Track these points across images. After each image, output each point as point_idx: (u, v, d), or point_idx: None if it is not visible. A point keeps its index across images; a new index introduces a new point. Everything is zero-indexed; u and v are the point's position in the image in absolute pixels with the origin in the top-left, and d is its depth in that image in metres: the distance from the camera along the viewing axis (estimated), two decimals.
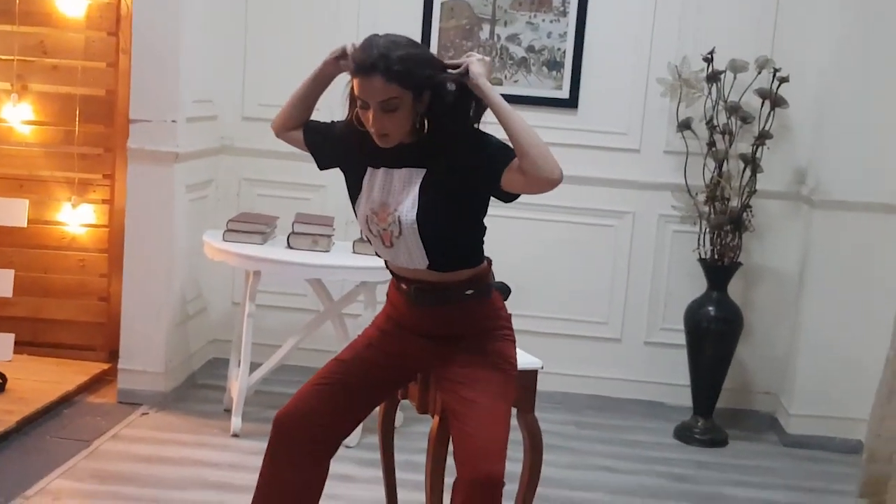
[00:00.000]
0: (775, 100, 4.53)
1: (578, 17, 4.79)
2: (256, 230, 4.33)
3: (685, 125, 4.61)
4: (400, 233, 2.57)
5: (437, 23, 4.84)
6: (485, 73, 2.55)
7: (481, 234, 2.69)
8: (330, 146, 2.75)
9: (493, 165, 2.51)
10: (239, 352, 4.35)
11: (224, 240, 4.30)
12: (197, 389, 4.77)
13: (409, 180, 2.57)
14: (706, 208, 4.61)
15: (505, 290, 2.83)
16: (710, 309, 4.61)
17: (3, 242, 4.81)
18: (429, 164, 2.56)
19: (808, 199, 4.66)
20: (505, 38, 4.84)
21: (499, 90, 2.57)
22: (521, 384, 2.91)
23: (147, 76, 4.36)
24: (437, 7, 4.83)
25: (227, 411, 4.41)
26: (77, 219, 4.82)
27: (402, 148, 2.56)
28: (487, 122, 2.60)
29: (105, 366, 4.78)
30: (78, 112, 4.73)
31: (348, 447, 4.02)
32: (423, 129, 2.53)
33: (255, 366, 4.32)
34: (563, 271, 4.94)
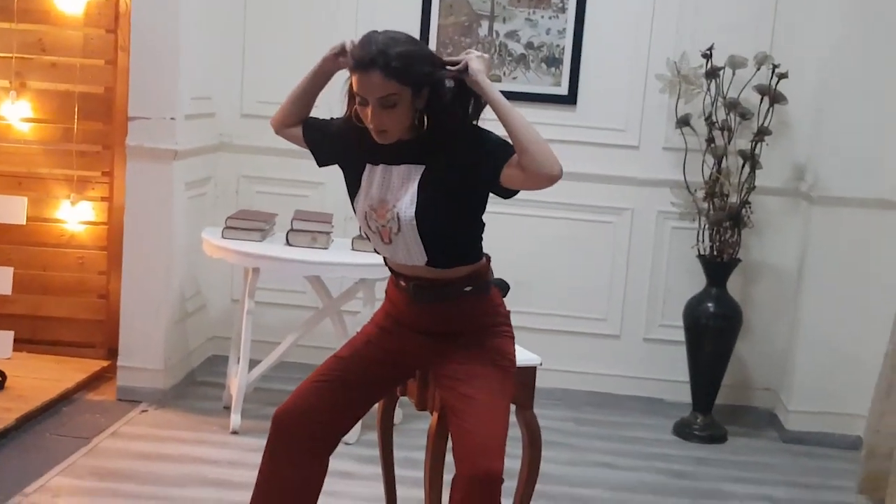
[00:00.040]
0: (774, 96, 4.53)
1: (577, 13, 4.79)
2: (255, 227, 4.33)
3: (684, 121, 4.61)
4: (399, 229, 2.57)
5: (435, 19, 4.84)
6: (484, 70, 2.55)
7: (480, 231, 2.68)
8: (329, 143, 2.75)
9: (493, 162, 2.51)
10: (238, 349, 4.35)
11: (223, 237, 4.30)
12: (196, 386, 4.77)
13: (408, 177, 2.56)
14: (705, 205, 4.61)
15: (504, 287, 2.83)
16: (709, 305, 4.61)
17: (1, 240, 4.81)
18: (428, 161, 2.56)
19: (806, 195, 4.66)
20: (504, 35, 4.84)
21: (497, 87, 2.57)
22: (520, 381, 2.91)
23: (146, 73, 4.36)
24: (435, 4, 4.83)
25: (227, 408, 4.41)
26: (76, 216, 4.82)
27: (400, 144, 2.55)
28: (487, 118, 2.60)
29: (104, 363, 4.78)
30: (77, 109, 4.73)
31: (347, 444, 4.02)
32: (422, 126, 2.53)
33: (254, 363, 4.32)
34: (562, 268, 4.94)
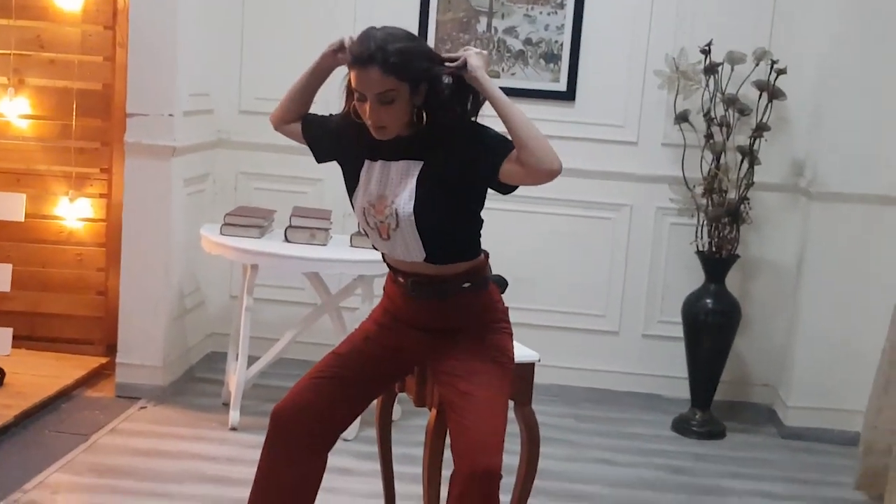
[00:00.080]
0: (773, 92, 4.53)
1: (576, 9, 4.78)
2: (254, 224, 4.32)
3: (683, 117, 4.61)
4: (397, 225, 2.56)
5: (434, 15, 4.83)
6: (482, 66, 2.55)
7: (478, 227, 2.68)
8: (328, 139, 2.75)
9: (492, 157, 2.51)
10: (237, 345, 4.35)
11: (221, 233, 4.30)
12: (195, 383, 4.77)
13: (407, 172, 2.56)
14: (704, 201, 4.61)
15: (502, 283, 2.84)
16: (708, 301, 4.61)
17: (0, 237, 4.81)
18: (426, 157, 2.56)
19: (805, 191, 4.66)
20: (502, 31, 4.84)
21: (496, 83, 2.57)
22: (519, 377, 2.91)
23: (144, 70, 4.36)
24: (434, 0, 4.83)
25: (226, 405, 4.41)
26: (74, 213, 4.82)
27: (399, 140, 2.56)
28: (487, 115, 2.60)
29: (103, 360, 4.78)
30: (75, 106, 4.73)
31: (346, 440, 4.02)
32: (421, 122, 2.53)
33: (252, 359, 4.32)
34: (561, 264, 4.94)
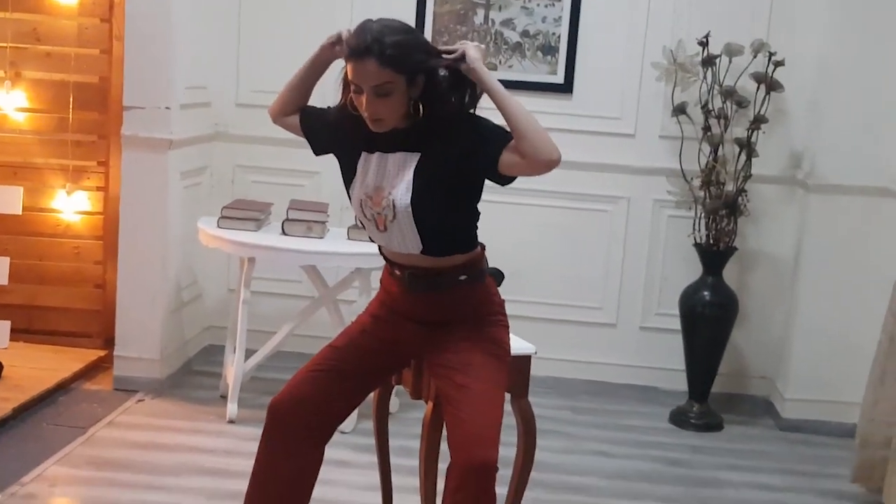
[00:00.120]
0: (771, 84, 4.53)
1: (573, 1, 4.77)
2: (251, 217, 4.32)
3: (680, 110, 4.60)
4: (394, 217, 2.56)
5: (431, 7, 4.82)
6: (480, 58, 2.55)
7: (475, 220, 2.69)
8: (325, 131, 2.75)
9: (490, 148, 2.52)
10: (234, 338, 4.35)
11: (218, 227, 4.30)
12: (192, 376, 4.77)
13: (404, 164, 2.56)
14: (701, 193, 4.61)
15: (498, 276, 2.83)
16: (706, 294, 4.62)
17: None
18: (423, 149, 2.56)
19: (803, 183, 4.66)
20: (499, 23, 4.83)
21: (493, 75, 2.57)
22: (515, 369, 2.91)
23: (140, 63, 4.35)
24: None
25: (223, 398, 4.41)
26: (72, 206, 4.82)
27: (396, 132, 2.55)
28: (486, 107, 2.59)
29: (101, 353, 4.78)
30: (72, 99, 4.72)
31: (343, 433, 4.03)
32: (417, 114, 2.53)
33: (250, 352, 4.32)
34: (558, 257, 4.94)
